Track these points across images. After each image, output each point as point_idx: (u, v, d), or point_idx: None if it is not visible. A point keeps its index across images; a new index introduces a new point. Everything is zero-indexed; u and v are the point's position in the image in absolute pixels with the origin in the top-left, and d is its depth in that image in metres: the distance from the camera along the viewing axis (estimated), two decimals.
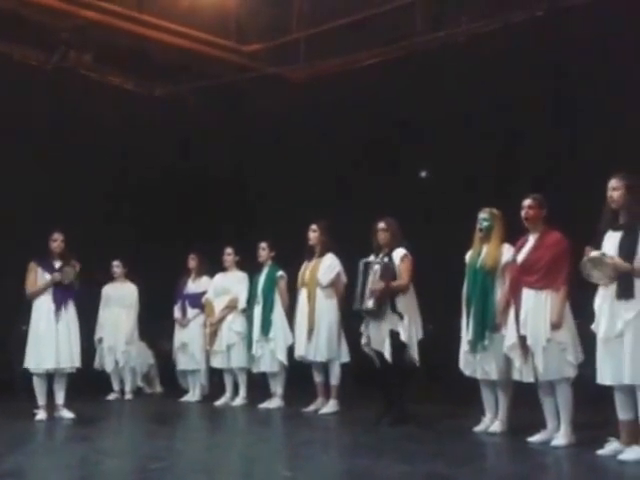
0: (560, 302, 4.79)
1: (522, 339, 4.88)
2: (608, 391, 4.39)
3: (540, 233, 4.97)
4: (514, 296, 4.99)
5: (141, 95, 9.05)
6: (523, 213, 5.01)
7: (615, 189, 4.38)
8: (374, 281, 5.69)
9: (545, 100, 7.52)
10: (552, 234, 4.95)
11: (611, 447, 4.38)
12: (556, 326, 4.77)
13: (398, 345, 5.71)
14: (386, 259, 5.83)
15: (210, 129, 9.29)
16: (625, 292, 4.24)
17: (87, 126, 8.25)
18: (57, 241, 6.30)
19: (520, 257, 5.02)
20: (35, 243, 6.45)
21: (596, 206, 4.52)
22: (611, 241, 4.37)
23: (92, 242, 7.63)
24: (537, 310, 4.83)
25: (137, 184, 8.96)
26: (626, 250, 4.28)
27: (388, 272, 5.70)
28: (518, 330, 4.91)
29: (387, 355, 5.71)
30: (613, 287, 4.29)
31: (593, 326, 4.46)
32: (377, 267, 5.70)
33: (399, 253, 5.83)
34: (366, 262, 5.84)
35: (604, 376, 4.34)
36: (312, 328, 6.40)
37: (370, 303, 5.71)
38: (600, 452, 4.40)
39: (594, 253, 4.29)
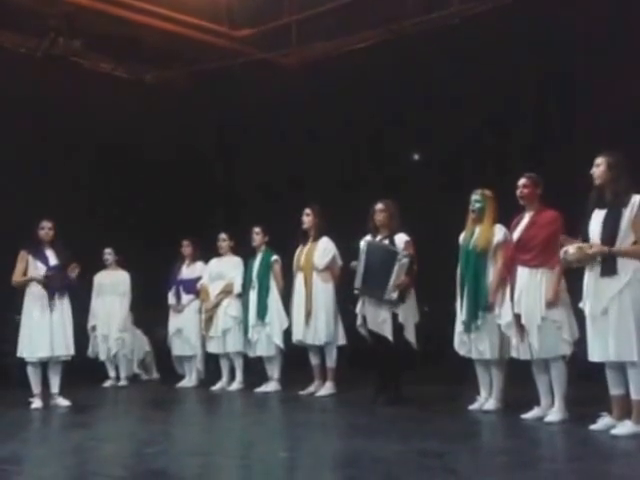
0: (555, 280, 4.80)
1: (517, 317, 4.90)
2: (600, 367, 4.41)
3: (535, 211, 4.98)
4: (510, 274, 5.00)
5: (132, 81, 8.99)
6: (518, 192, 5.02)
7: (597, 166, 4.40)
8: (400, 274, 5.67)
9: (538, 80, 7.51)
10: (547, 212, 4.96)
11: (603, 422, 4.41)
12: (551, 304, 4.78)
13: (397, 327, 5.74)
14: (386, 241, 5.82)
15: (201, 115, 9.24)
16: (608, 269, 4.26)
17: (77, 113, 8.20)
18: (45, 229, 6.24)
19: (515, 235, 5.03)
20: (27, 231, 6.41)
21: (590, 185, 4.52)
22: (596, 219, 4.39)
23: (83, 230, 7.60)
24: (532, 288, 4.85)
25: (128, 171, 8.91)
26: (609, 228, 4.30)
27: (412, 265, 5.72)
28: (513, 308, 4.93)
29: (390, 337, 5.74)
30: (597, 265, 4.31)
31: (581, 304, 4.49)
32: (405, 261, 5.67)
33: (402, 239, 5.82)
34: (390, 250, 5.76)
35: (593, 353, 4.37)
36: (310, 312, 6.41)
37: (395, 295, 5.70)
38: (593, 427, 4.44)
39: (562, 255, 4.32)
